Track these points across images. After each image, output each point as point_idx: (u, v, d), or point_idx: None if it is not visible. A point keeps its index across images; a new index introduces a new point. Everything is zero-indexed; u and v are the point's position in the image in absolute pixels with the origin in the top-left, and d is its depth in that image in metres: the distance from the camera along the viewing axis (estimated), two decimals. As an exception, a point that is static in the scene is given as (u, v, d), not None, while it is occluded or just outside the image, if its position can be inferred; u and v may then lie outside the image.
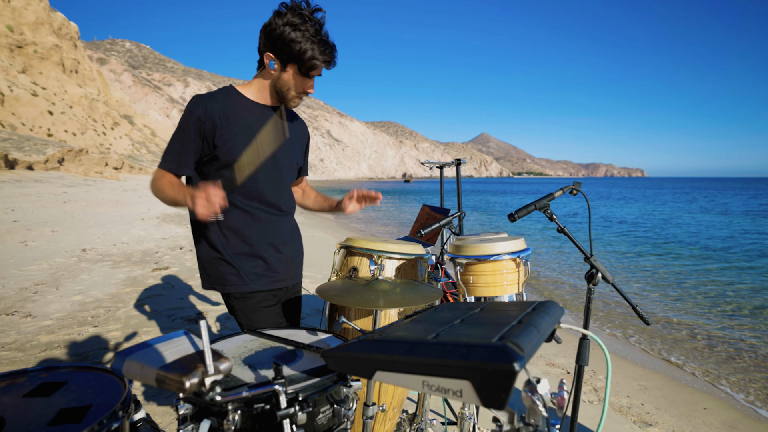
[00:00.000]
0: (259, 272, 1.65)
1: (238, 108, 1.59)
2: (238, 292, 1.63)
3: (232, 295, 1.64)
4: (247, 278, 1.63)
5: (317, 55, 1.48)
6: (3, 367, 3.05)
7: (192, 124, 1.51)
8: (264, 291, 1.66)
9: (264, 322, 1.64)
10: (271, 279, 1.68)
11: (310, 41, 1.46)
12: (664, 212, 25.16)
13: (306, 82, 1.57)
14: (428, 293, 1.41)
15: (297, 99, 1.62)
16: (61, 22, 62.63)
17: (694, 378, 3.91)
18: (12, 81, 47.09)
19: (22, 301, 4.57)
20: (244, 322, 1.65)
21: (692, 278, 8.11)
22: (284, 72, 1.54)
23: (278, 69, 1.55)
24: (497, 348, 0.66)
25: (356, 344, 0.81)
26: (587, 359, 1.64)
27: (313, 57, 1.48)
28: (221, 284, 1.64)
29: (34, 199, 16.42)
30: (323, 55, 1.50)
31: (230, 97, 1.60)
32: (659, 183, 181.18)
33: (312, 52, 1.47)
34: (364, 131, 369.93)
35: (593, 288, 1.67)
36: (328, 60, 1.52)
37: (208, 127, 1.52)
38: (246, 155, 1.55)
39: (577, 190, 1.65)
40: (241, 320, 1.66)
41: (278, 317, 1.71)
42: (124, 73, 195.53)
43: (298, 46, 1.46)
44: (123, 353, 0.87)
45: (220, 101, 1.56)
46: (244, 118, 1.58)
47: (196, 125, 1.51)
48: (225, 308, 4.48)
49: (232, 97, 1.60)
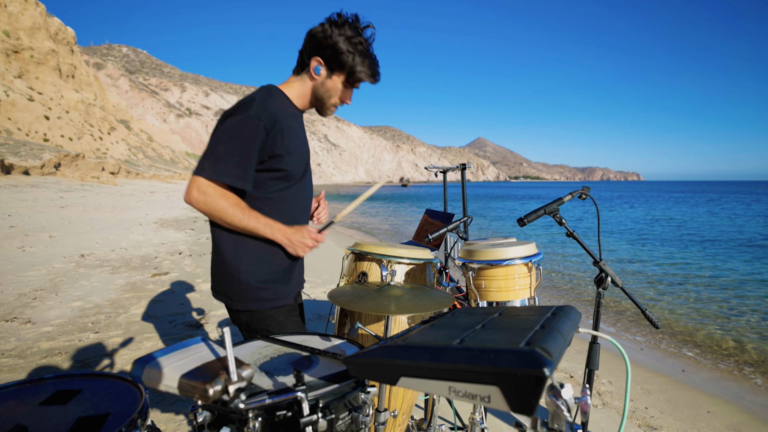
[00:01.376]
0: (273, 288, 1.56)
1: (289, 117, 1.53)
2: (245, 309, 1.53)
3: (244, 311, 1.54)
4: (261, 293, 1.54)
5: (367, 70, 1.52)
6: (4, 374, 3.02)
7: (259, 132, 1.39)
8: (274, 308, 1.57)
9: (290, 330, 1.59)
10: (282, 295, 1.59)
11: (362, 55, 1.49)
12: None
13: (347, 93, 1.57)
14: (440, 299, 1.41)
15: (334, 108, 1.61)
16: (58, 27, 62.63)
17: (698, 381, 3.91)
18: (8, 86, 46.96)
19: (22, 307, 4.53)
20: (275, 331, 1.55)
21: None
22: (329, 79, 1.53)
23: (324, 76, 1.53)
24: (526, 353, 0.66)
25: (379, 350, 0.81)
26: (597, 363, 1.64)
27: (363, 71, 1.51)
28: (234, 300, 1.53)
29: (30, 204, 16.33)
30: (372, 70, 1.54)
31: (284, 102, 1.54)
32: (657, 187, 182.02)
33: (362, 66, 1.51)
34: (361, 136, 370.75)
35: (603, 292, 1.68)
36: (375, 75, 1.56)
37: (270, 138, 1.42)
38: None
39: (586, 194, 1.66)
40: (272, 329, 1.55)
41: (301, 326, 1.65)
42: (121, 77, 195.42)
43: (351, 58, 1.48)
44: (142, 360, 0.86)
45: (280, 109, 1.48)
46: (295, 126, 1.55)
47: (262, 136, 1.40)
48: (226, 313, 4.46)
49: (285, 102, 1.55)
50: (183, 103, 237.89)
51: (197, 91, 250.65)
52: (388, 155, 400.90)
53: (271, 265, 1.54)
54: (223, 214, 1.39)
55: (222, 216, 1.40)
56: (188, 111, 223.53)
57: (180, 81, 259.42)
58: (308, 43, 1.51)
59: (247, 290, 1.51)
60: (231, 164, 1.37)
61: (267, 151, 1.42)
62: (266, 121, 1.40)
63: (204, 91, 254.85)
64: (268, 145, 1.42)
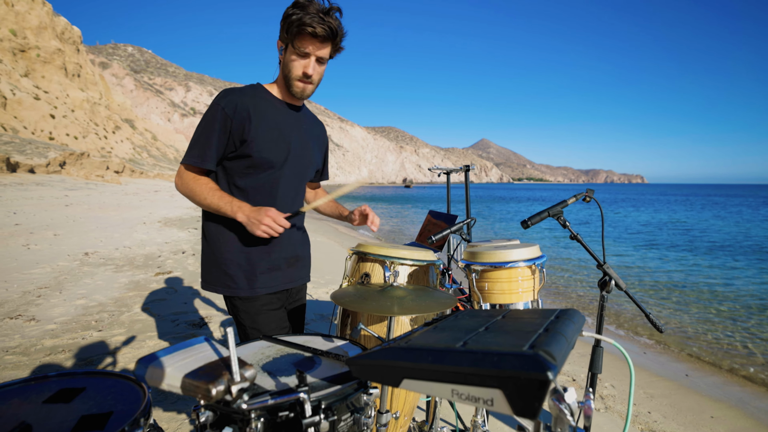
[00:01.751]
0: (266, 274, 1.63)
1: (267, 106, 1.58)
2: (244, 295, 1.61)
3: (237, 296, 1.62)
4: (256, 280, 1.61)
5: (305, 21, 1.42)
6: (8, 371, 3.03)
7: (218, 118, 1.49)
8: (270, 294, 1.65)
9: (268, 326, 1.63)
10: (279, 280, 1.67)
11: (306, 13, 1.42)
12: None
13: (303, 62, 1.51)
14: (443, 300, 1.41)
15: (298, 83, 1.55)
16: (64, 27, 63.02)
17: (702, 385, 3.89)
18: (14, 84, 47.29)
19: (26, 304, 4.55)
20: (248, 324, 1.63)
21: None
22: (286, 53, 1.53)
23: (283, 53, 1.55)
24: (530, 357, 0.66)
25: (382, 352, 0.81)
26: (600, 367, 1.63)
27: (301, 23, 1.42)
28: (226, 286, 1.61)
29: (35, 202, 16.43)
30: (312, 22, 1.42)
31: (258, 94, 1.59)
32: (662, 189, 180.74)
33: (301, 20, 1.42)
34: (364, 136, 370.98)
35: (606, 295, 1.67)
36: (315, 27, 1.42)
37: (235, 123, 1.49)
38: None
39: (590, 197, 1.65)
40: (245, 322, 1.63)
41: (283, 321, 1.69)
42: (126, 77, 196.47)
43: (291, 21, 1.44)
44: (146, 360, 0.87)
45: (249, 97, 1.54)
46: (272, 116, 1.57)
47: (222, 119, 1.49)
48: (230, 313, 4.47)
49: (260, 94, 1.59)
50: (187, 102, 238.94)
51: (201, 91, 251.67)
52: (392, 156, 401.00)
53: (242, 250, 1.59)
54: (193, 194, 1.52)
55: (193, 196, 1.52)
56: (192, 110, 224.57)
57: (185, 80, 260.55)
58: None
59: (215, 274, 1.61)
60: (195, 148, 1.51)
61: (236, 137, 1.51)
62: (226, 106, 1.49)
63: (208, 91, 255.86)
64: (235, 130, 1.50)
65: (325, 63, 1.57)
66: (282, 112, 1.61)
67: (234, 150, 1.53)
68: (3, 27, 51.89)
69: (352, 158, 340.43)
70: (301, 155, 1.67)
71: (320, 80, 1.59)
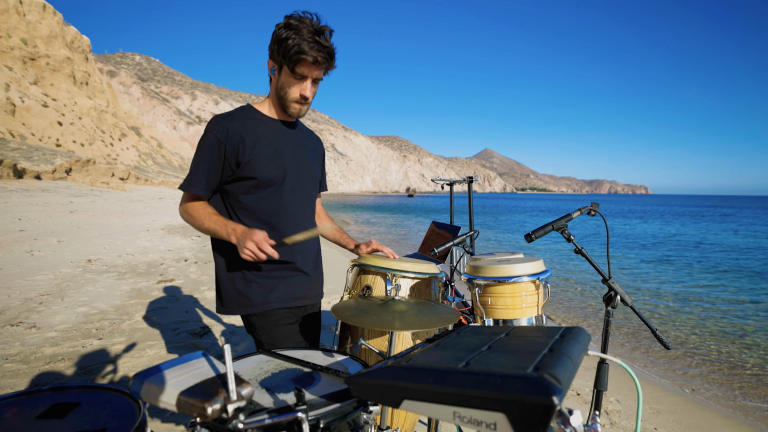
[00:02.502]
0: (282, 288, 1.63)
1: (258, 125, 1.59)
2: (260, 312, 1.61)
3: (254, 314, 1.62)
4: (270, 295, 1.61)
5: (305, 49, 1.42)
6: (7, 379, 3.01)
7: (212, 145, 1.51)
8: (285, 308, 1.64)
9: (285, 341, 1.62)
10: (294, 295, 1.67)
11: (302, 38, 1.43)
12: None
13: (300, 84, 1.52)
14: (445, 315, 1.39)
15: (295, 105, 1.56)
16: (74, 36, 64.05)
17: (711, 401, 3.82)
18: (24, 92, 47.94)
19: (27, 311, 4.55)
20: (265, 340, 1.62)
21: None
22: (280, 74, 1.53)
23: (276, 73, 1.55)
24: (534, 380, 0.64)
25: (382, 371, 0.79)
26: (606, 384, 1.60)
27: (299, 51, 1.42)
28: (241, 305, 1.61)
29: (41, 208, 16.54)
30: (311, 51, 1.43)
31: (248, 115, 1.60)
32: (667, 200, 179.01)
33: (299, 47, 1.42)
34: (368, 145, 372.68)
35: (612, 311, 1.64)
36: (314, 59, 1.44)
37: (229, 148, 1.51)
38: (301, 234, 1.51)
39: (595, 211, 1.63)
40: (262, 338, 1.63)
41: (298, 335, 1.69)
42: (133, 85, 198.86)
43: (287, 45, 1.44)
44: (141, 375, 0.85)
45: (239, 120, 1.56)
46: (264, 134, 1.58)
47: (216, 146, 1.51)
48: (230, 324, 4.44)
49: (250, 115, 1.61)
50: (193, 110, 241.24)
51: (207, 99, 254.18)
52: (395, 165, 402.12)
53: (248, 269, 1.59)
54: (192, 219, 1.55)
55: (192, 222, 1.56)
56: (198, 119, 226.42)
57: (191, 89, 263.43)
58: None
59: (229, 294, 1.62)
60: (191, 175, 1.55)
61: (231, 161, 1.53)
62: (219, 132, 1.51)
63: (214, 99, 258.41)
64: (230, 154, 1.52)
65: (319, 83, 1.57)
66: (275, 130, 1.62)
67: (232, 173, 1.55)
68: (14, 36, 52.81)
69: (355, 167, 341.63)
70: (300, 170, 1.67)
71: (313, 97, 1.61)
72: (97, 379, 3.08)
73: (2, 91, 44.24)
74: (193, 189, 1.54)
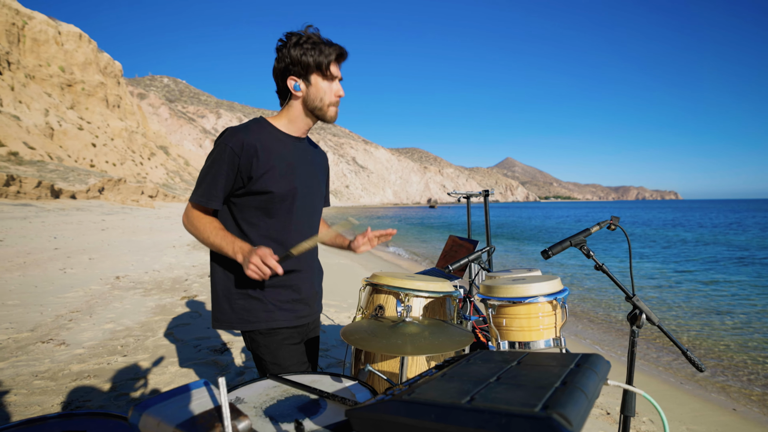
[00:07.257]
0: (287, 306, 1.61)
1: (273, 140, 1.58)
2: (265, 329, 1.58)
3: (258, 331, 1.60)
4: (276, 312, 1.59)
5: (328, 51, 1.54)
6: (36, 396, 3.09)
7: (226, 157, 1.49)
8: (290, 327, 1.62)
9: (289, 360, 1.59)
10: (298, 314, 1.64)
11: (316, 46, 1.53)
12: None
13: (333, 87, 1.59)
14: (458, 338, 1.34)
15: (333, 108, 1.62)
16: (107, 62, 67.47)
17: (753, 420, 3.56)
18: (61, 116, 50.63)
19: (58, 328, 4.69)
20: (269, 360, 1.59)
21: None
22: (311, 86, 1.57)
23: (304, 87, 1.57)
24: (542, 420, 0.59)
25: (383, 405, 0.75)
26: (633, 410, 1.50)
27: (326, 53, 1.53)
28: (244, 321, 1.59)
29: (75, 227, 17.25)
30: (333, 50, 1.55)
31: (264, 129, 1.60)
32: (699, 205, 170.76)
33: (323, 51, 1.53)
34: (388, 158, 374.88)
35: (637, 330, 1.55)
36: (338, 52, 1.56)
37: (243, 160, 1.50)
38: (305, 242, 1.48)
39: (616, 225, 1.55)
40: (265, 357, 1.60)
41: (303, 356, 1.67)
42: (162, 106, 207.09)
43: (310, 54, 1.52)
44: (141, 407, 0.84)
45: (254, 133, 1.55)
46: (279, 150, 1.58)
47: (230, 159, 1.49)
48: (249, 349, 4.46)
49: (266, 129, 1.60)
50: (218, 128, 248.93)
51: (231, 118, 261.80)
52: (416, 177, 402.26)
53: (250, 283, 1.57)
54: (198, 232, 1.53)
55: (197, 234, 1.53)
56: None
57: (216, 108, 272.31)
58: (277, 77, 1.60)
59: (229, 309, 1.59)
60: (201, 187, 1.52)
61: (243, 174, 1.51)
62: (234, 145, 1.49)
63: (238, 117, 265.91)
64: (243, 167, 1.50)
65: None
66: (288, 146, 1.62)
67: (242, 186, 1.53)
68: (54, 64, 56.05)
69: (376, 179, 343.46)
70: (312, 187, 1.67)
71: None
72: (120, 397, 3.13)
73: (42, 116, 46.83)
74: (205, 201, 1.52)
